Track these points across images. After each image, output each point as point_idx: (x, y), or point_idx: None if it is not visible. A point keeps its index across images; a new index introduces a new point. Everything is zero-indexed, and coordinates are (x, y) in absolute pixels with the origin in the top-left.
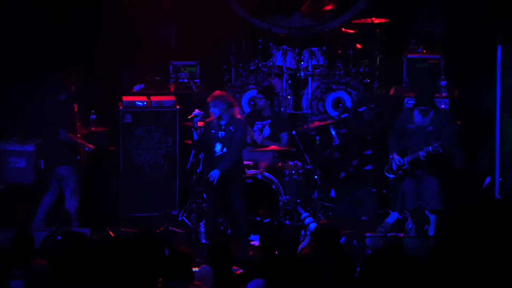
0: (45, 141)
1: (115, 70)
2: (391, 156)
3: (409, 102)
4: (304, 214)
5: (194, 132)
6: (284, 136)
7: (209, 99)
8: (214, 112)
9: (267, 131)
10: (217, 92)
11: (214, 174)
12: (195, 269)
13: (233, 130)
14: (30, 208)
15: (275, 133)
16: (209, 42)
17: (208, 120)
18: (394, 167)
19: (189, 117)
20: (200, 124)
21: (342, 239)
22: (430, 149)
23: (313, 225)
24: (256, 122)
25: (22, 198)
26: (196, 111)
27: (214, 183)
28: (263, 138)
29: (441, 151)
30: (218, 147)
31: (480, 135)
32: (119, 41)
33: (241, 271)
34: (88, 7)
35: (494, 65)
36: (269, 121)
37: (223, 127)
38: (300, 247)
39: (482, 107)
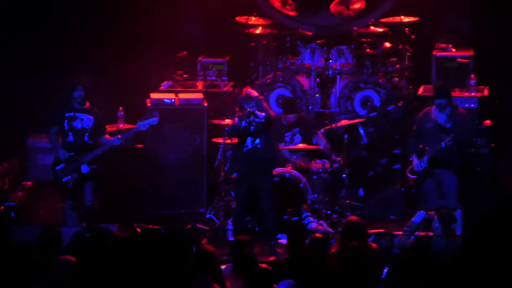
0: None
1: (143, 67)
2: (411, 158)
3: None
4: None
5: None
6: (318, 138)
7: (246, 96)
8: (250, 106)
9: (298, 138)
10: (250, 90)
11: None
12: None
13: (258, 120)
14: (57, 205)
15: (307, 139)
16: (236, 40)
17: (239, 114)
18: (415, 168)
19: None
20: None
21: (371, 238)
22: (443, 145)
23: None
24: (285, 134)
25: (49, 195)
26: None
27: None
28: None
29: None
30: (249, 141)
31: (509, 134)
32: (148, 39)
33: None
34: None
35: None
36: (297, 129)
37: (253, 122)
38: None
39: (511, 107)
